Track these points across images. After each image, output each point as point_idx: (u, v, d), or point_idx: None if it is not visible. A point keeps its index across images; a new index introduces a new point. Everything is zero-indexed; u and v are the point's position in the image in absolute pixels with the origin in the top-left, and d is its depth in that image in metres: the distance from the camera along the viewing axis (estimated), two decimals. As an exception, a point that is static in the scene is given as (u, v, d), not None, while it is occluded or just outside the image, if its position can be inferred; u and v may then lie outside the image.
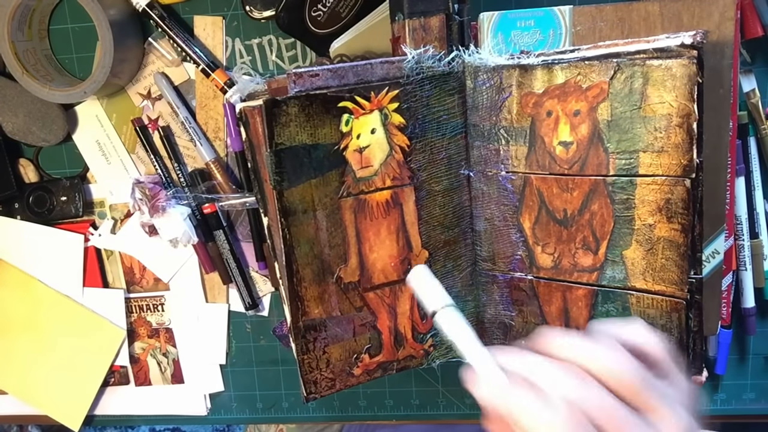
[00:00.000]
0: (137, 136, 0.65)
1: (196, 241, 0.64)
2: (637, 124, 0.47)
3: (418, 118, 0.52)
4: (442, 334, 0.41)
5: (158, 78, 0.63)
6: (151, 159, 0.65)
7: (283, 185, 0.49)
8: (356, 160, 0.51)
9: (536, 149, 0.52)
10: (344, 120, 0.50)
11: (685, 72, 0.45)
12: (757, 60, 0.58)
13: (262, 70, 0.64)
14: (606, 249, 0.51)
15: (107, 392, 0.72)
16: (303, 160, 0.49)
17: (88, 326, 0.69)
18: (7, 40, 0.60)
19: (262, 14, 0.61)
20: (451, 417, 0.69)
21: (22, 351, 0.71)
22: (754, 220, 0.59)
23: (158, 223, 0.63)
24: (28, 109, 0.64)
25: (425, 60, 0.51)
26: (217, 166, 0.64)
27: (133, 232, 0.67)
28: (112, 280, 0.70)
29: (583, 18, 0.53)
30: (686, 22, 0.50)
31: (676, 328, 0.49)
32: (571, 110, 0.50)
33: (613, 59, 0.47)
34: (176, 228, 0.63)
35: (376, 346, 0.56)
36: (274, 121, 0.48)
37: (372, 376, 0.57)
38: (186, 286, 0.68)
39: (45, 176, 0.68)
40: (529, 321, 0.56)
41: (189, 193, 0.64)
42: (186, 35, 0.62)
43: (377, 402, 0.69)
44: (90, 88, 0.60)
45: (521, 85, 0.51)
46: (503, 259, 0.56)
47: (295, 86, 0.48)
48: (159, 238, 0.65)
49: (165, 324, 0.70)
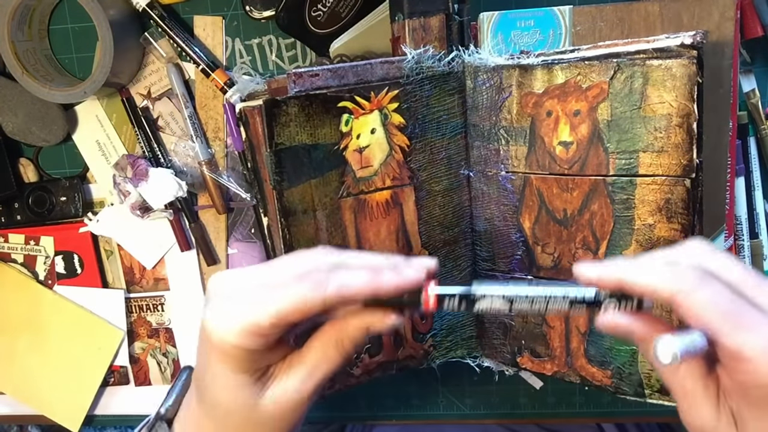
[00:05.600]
0: (125, 111, 0.65)
1: (185, 195, 0.63)
2: (637, 124, 0.47)
3: (418, 118, 0.52)
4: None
5: (170, 69, 0.63)
6: (135, 133, 0.65)
7: (283, 185, 0.49)
8: (356, 160, 0.51)
9: (536, 149, 0.52)
10: (344, 120, 0.50)
11: (685, 72, 0.45)
12: (757, 60, 0.58)
13: (262, 70, 0.64)
14: (606, 249, 0.51)
15: (107, 392, 0.72)
16: (303, 160, 0.49)
17: (87, 327, 0.69)
18: (7, 40, 0.60)
19: (262, 14, 0.61)
20: (451, 417, 0.69)
21: (21, 352, 0.71)
22: (753, 220, 0.59)
23: (146, 192, 0.62)
24: (28, 109, 0.64)
25: (425, 60, 0.51)
26: (208, 167, 0.64)
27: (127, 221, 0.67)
28: (112, 280, 0.70)
29: (583, 18, 0.53)
30: (686, 22, 0.50)
31: (676, 328, 0.49)
32: (571, 110, 0.50)
33: (613, 59, 0.47)
34: (164, 187, 0.62)
35: (376, 346, 0.56)
36: (274, 121, 0.48)
37: (372, 376, 0.57)
38: (186, 287, 0.68)
39: (45, 176, 0.68)
40: (529, 321, 0.56)
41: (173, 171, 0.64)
42: (186, 35, 0.62)
43: (377, 402, 0.69)
44: (90, 88, 0.60)
45: (521, 85, 0.51)
46: (503, 259, 0.56)
47: (295, 86, 0.48)
48: (151, 215, 0.64)
49: (165, 324, 0.70)
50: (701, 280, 0.33)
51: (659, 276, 0.33)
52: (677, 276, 0.33)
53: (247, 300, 0.37)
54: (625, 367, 0.52)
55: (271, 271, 0.39)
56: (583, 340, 0.54)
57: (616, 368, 0.53)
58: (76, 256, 0.69)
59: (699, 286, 0.32)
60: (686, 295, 0.32)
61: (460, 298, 0.37)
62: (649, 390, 0.52)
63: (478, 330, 0.59)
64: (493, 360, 0.59)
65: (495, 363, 0.59)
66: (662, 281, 0.33)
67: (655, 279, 0.34)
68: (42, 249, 0.69)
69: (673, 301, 0.33)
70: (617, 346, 0.52)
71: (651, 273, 0.34)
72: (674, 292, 0.33)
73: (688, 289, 0.32)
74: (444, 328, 0.58)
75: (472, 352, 0.60)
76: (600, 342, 0.53)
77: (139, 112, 0.65)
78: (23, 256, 0.70)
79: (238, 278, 0.39)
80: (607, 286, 0.35)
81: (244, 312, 0.37)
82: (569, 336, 0.54)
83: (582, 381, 0.55)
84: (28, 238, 0.69)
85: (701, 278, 0.33)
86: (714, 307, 0.32)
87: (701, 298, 0.32)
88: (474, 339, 0.59)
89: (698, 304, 0.32)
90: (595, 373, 0.54)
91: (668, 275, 0.33)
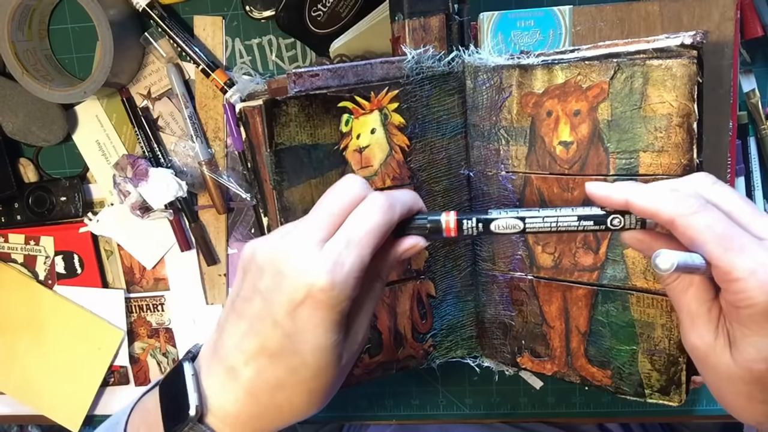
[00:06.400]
0: (125, 111, 0.65)
1: (185, 195, 0.63)
2: (638, 124, 0.47)
3: (418, 118, 0.52)
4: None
5: (170, 69, 0.63)
6: (135, 133, 0.65)
7: (283, 185, 0.49)
8: (356, 160, 0.51)
9: (536, 149, 0.52)
10: (344, 120, 0.50)
11: (686, 72, 0.45)
12: (757, 60, 0.58)
13: (262, 70, 0.64)
14: (607, 248, 0.51)
15: (107, 392, 0.72)
16: (303, 160, 0.49)
17: (87, 327, 0.69)
18: (7, 40, 0.60)
19: (262, 14, 0.61)
20: (451, 417, 0.69)
21: (21, 352, 0.71)
22: (754, 220, 0.59)
23: (146, 192, 0.62)
24: (28, 109, 0.64)
25: (425, 60, 0.51)
26: (208, 167, 0.64)
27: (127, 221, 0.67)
28: (112, 280, 0.70)
29: (583, 18, 0.53)
30: (686, 22, 0.50)
31: (676, 328, 0.49)
32: (572, 110, 0.50)
33: (613, 59, 0.47)
34: (164, 187, 0.62)
35: (376, 346, 0.56)
36: (274, 121, 0.48)
37: (372, 376, 0.57)
38: (186, 287, 0.68)
39: (45, 176, 0.68)
40: (529, 321, 0.56)
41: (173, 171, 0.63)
42: (186, 35, 0.62)
43: (377, 402, 0.69)
44: (90, 88, 0.60)
45: (521, 85, 0.51)
46: (503, 259, 0.56)
47: (295, 86, 0.48)
48: (151, 215, 0.64)
49: (165, 324, 0.70)
50: (700, 206, 0.36)
51: (662, 199, 0.37)
52: (678, 201, 0.36)
53: (348, 244, 0.37)
54: (625, 367, 0.52)
55: (328, 212, 0.39)
56: (583, 340, 0.54)
57: (616, 368, 0.53)
58: (76, 256, 0.69)
59: (697, 211, 0.35)
60: (685, 218, 0.35)
61: (477, 221, 0.41)
62: (649, 390, 0.52)
63: (478, 330, 0.59)
64: (493, 360, 0.59)
65: (495, 363, 0.59)
66: (665, 204, 0.36)
67: (658, 202, 0.37)
68: (42, 249, 0.69)
69: (673, 224, 0.36)
70: (617, 346, 0.52)
71: (655, 196, 0.37)
72: (674, 216, 0.36)
73: (687, 213, 0.35)
74: (444, 328, 0.58)
75: (472, 352, 0.60)
76: (600, 342, 0.53)
77: (139, 112, 0.65)
78: (23, 256, 0.70)
79: (308, 233, 0.38)
80: (615, 204, 0.39)
81: (350, 256, 0.37)
82: (569, 336, 0.54)
83: (582, 381, 0.55)
84: (28, 238, 0.69)
85: (700, 205, 0.36)
86: (709, 231, 0.35)
87: (698, 222, 0.35)
88: (474, 339, 0.59)
89: (695, 227, 0.35)
90: (595, 373, 0.54)
91: (671, 199, 0.36)
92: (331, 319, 0.38)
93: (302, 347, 0.38)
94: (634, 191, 0.38)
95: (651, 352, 0.51)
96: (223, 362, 0.40)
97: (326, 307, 0.37)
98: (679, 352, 0.50)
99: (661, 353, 0.51)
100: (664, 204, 0.36)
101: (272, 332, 0.38)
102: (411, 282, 0.56)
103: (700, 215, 0.35)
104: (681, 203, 0.36)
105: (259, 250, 0.40)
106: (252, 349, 0.39)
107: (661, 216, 0.36)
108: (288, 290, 0.37)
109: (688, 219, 0.35)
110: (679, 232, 0.36)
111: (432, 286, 0.56)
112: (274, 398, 0.40)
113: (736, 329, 0.37)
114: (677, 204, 0.36)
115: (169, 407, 0.41)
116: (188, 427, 0.40)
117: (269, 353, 0.39)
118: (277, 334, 0.38)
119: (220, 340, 0.41)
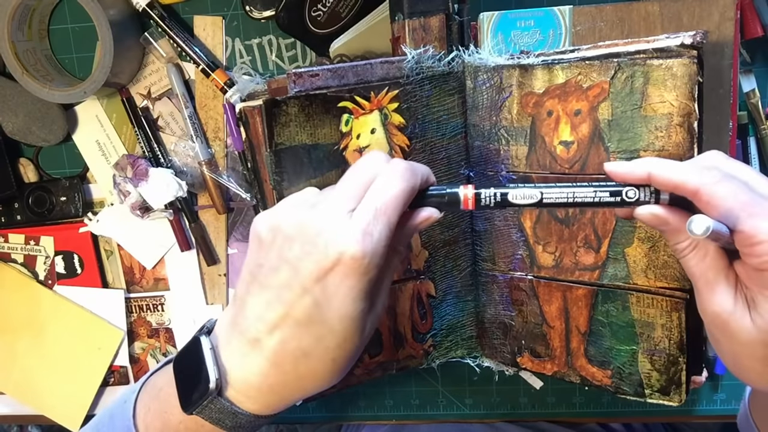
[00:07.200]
0: (125, 111, 0.65)
1: (185, 195, 0.63)
2: (638, 124, 0.47)
3: (418, 118, 0.52)
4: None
5: (170, 69, 0.63)
6: (135, 133, 0.65)
7: (282, 185, 0.49)
8: (356, 160, 0.51)
9: (537, 149, 0.52)
10: (344, 120, 0.50)
11: (686, 71, 0.45)
12: (757, 60, 0.58)
13: (262, 70, 0.64)
14: (608, 247, 0.51)
15: (107, 392, 0.72)
16: (303, 160, 0.49)
17: (87, 327, 0.69)
18: (7, 40, 0.60)
19: (262, 14, 0.61)
20: (451, 417, 0.69)
21: (21, 352, 0.71)
22: (754, 219, 0.59)
23: (146, 192, 0.62)
24: (28, 109, 0.64)
25: (425, 60, 0.51)
26: (208, 167, 0.64)
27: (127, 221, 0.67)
28: (112, 280, 0.70)
29: (583, 18, 0.53)
30: (686, 22, 0.50)
31: (676, 328, 0.49)
32: (572, 110, 0.50)
33: (614, 59, 0.47)
34: (164, 187, 0.62)
35: (376, 346, 0.56)
36: (274, 121, 0.48)
37: (372, 376, 0.57)
38: (186, 287, 0.68)
39: (45, 176, 0.68)
40: (529, 321, 0.56)
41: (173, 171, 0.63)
42: (186, 35, 0.62)
43: (377, 402, 0.69)
44: (90, 88, 0.60)
45: (522, 85, 0.51)
46: (503, 259, 0.56)
47: (295, 86, 0.48)
48: (151, 215, 0.64)
49: (165, 324, 0.70)
50: (723, 176, 0.38)
51: (686, 171, 0.38)
52: (702, 172, 0.38)
53: (375, 212, 0.38)
54: (625, 367, 0.52)
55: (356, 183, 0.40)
56: (583, 340, 0.54)
57: (616, 368, 0.53)
58: (76, 256, 0.69)
59: (720, 180, 0.37)
60: (709, 187, 0.37)
61: (494, 193, 0.41)
62: (649, 390, 0.52)
63: (478, 330, 0.59)
64: (493, 360, 0.59)
65: (495, 363, 0.59)
66: (690, 175, 0.38)
67: (683, 173, 0.38)
68: (42, 249, 0.69)
69: (698, 193, 0.37)
70: (617, 346, 0.52)
71: (680, 167, 0.38)
72: (699, 185, 0.37)
73: (711, 182, 0.37)
74: (444, 328, 0.58)
75: (472, 352, 0.60)
76: (600, 342, 0.53)
77: (139, 112, 0.65)
78: (23, 256, 0.70)
79: (339, 203, 0.39)
80: (637, 178, 0.40)
81: (378, 225, 0.38)
82: (569, 336, 0.54)
83: (582, 381, 0.55)
84: (28, 238, 0.69)
85: (723, 175, 0.38)
86: (734, 197, 0.37)
87: (723, 190, 0.37)
88: (474, 339, 0.59)
89: (720, 195, 0.37)
90: (595, 373, 0.54)
91: (695, 170, 0.38)
92: (360, 287, 0.38)
93: (330, 315, 0.38)
94: (657, 164, 0.39)
95: (651, 352, 0.51)
96: (245, 334, 0.40)
97: (357, 275, 0.38)
98: (679, 352, 0.50)
99: (661, 353, 0.51)
100: (688, 175, 0.38)
101: (300, 300, 0.38)
102: (411, 282, 0.56)
103: (724, 184, 0.37)
104: (705, 174, 0.38)
105: (285, 220, 0.40)
106: (277, 318, 0.39)
107: (686, 186, 0.38)
108: (319, 258, 0.38)
109: (712, 188, 0.37)
110: (704, 201, 0.37)
111: (432, 286, 0.56)
112: (298, 368, 0.40)
113: (756, 293, 0.38)
114: (701, 174, 0.37)
115: (186, 383, 0.41)
116: (207, 400, 0.40)
117: (296, 321, 0.39)
118: (305, 302, 0.38)
119: (241, 313, 0.41)
